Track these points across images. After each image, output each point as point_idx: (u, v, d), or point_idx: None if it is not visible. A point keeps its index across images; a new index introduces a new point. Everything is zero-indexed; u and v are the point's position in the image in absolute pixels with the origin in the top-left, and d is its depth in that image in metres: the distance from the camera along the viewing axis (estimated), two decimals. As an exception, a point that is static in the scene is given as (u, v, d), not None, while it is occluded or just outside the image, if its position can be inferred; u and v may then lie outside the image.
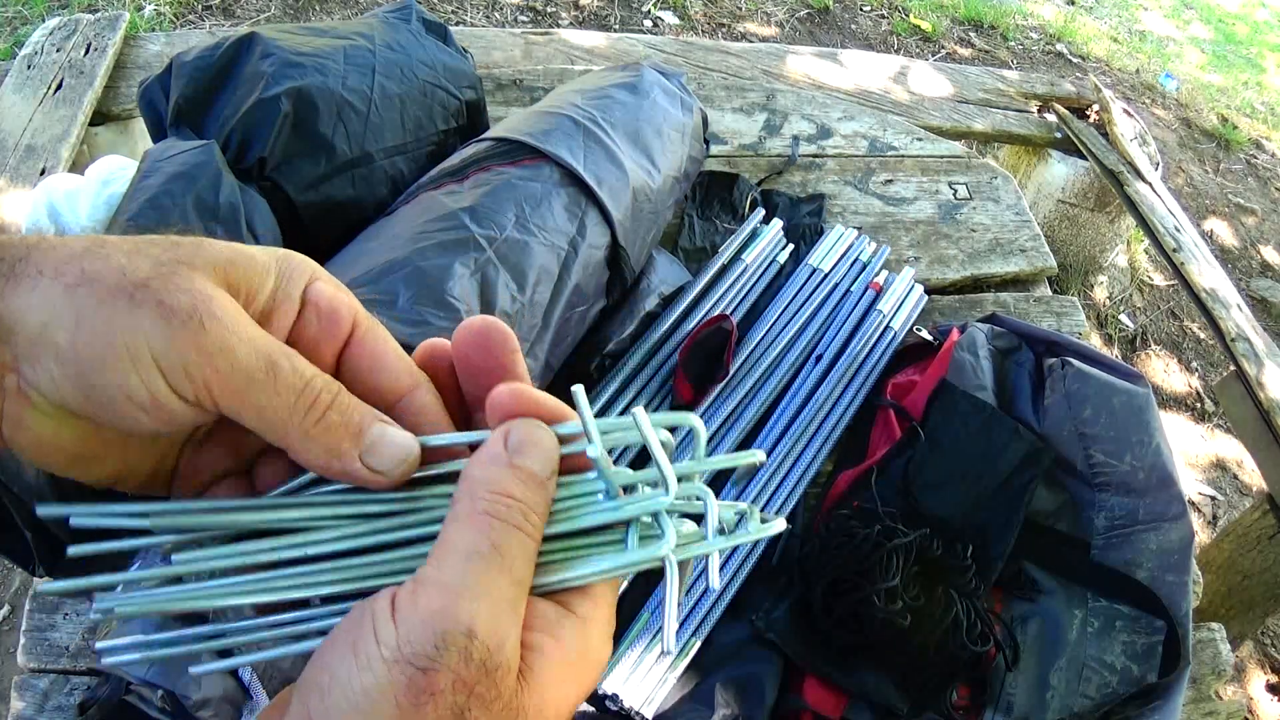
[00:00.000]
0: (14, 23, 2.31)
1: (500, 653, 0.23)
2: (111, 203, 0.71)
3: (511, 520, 0.25)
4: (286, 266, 0.27)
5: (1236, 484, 2.09)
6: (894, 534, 0.74)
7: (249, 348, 0.25)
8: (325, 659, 0.23)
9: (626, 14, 2.83)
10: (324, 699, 0.22)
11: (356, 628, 0.23)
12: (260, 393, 0.25)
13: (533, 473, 0.26)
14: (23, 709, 0.66)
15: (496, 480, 0.25)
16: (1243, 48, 3.83)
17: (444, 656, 0.22)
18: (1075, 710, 0.74)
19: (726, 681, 0.70)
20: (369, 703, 0.22)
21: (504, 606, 0.24)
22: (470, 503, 0.25)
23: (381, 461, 0.27)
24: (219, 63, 0.81)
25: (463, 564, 0.24)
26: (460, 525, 0.25)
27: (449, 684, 0.22)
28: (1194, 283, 1.58)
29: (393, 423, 0.28)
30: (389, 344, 0.29)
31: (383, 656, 0.22)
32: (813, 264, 1.00)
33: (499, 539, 0.24)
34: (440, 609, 0.23)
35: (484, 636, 0.23)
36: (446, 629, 0.22)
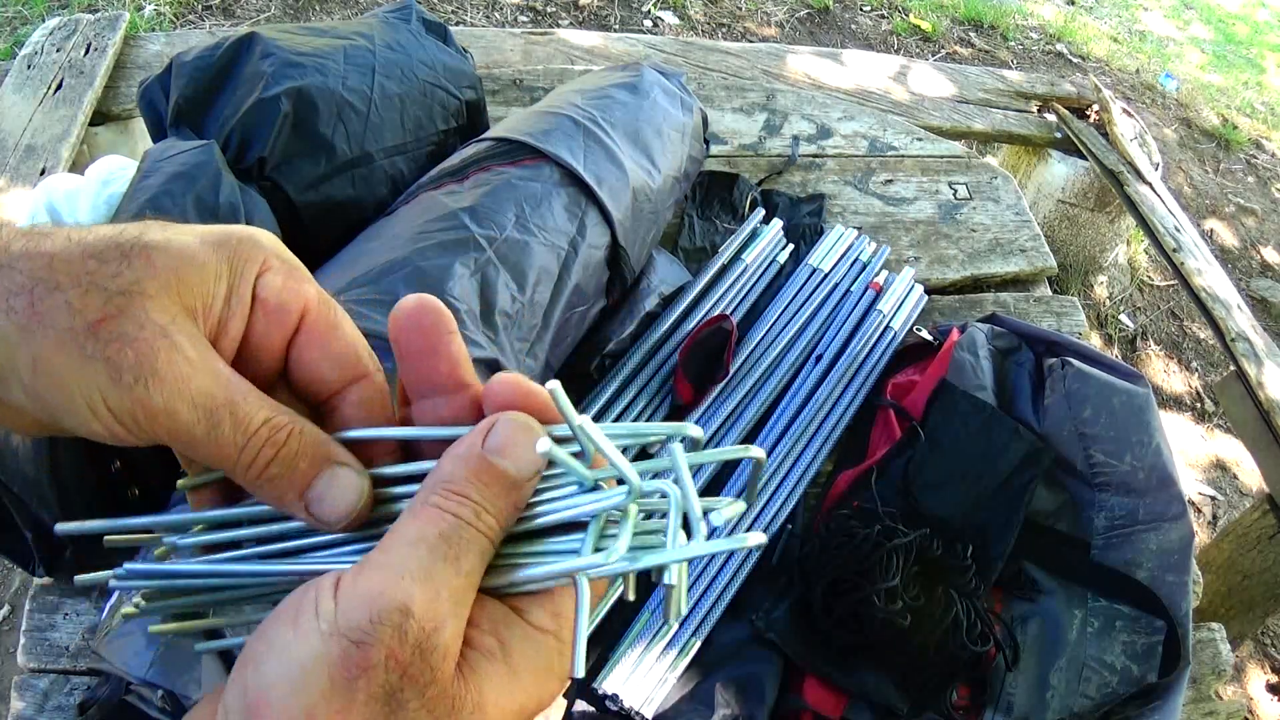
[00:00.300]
0: (14, 23, 2.31)
1: (437, 636, 0.23)
2: (111, 203, 0.71)
3: (463, 516, 0.25)
4: (237, 262, 0.27)
5: (1236, 484, 2.09)
6: (894, 534, 0.74)
7: (191, 410, 0.25)
8: (266, 631, 0.23)
9: (626, 14, 2.83)
10: (259, 668, 0.22)
11: (299, 602, 0.23)
12: (204, 447, 0.26)
13: (504, 473, 0.25)
14: (23, 709, 0.66)
15: (458, 478, 0.25)
16: (1243, 48, 3.83)
17: (378, 631, 0.22)
18: (1075, 710, 0.74)
19: (726, 681, 0.70)
20: (302, 674, 0.22)
21: (445, 592, 0.24)
22: (427, 494, 0.25)
23: (326, 513, 0.27)
24: (219, 63, 0.81)
25: (407, 548, 0.24)
26: (413, 515, 0.25)
27: (381, 659, 0.22)
28: (1194, 283, 1.58)
29: (346, 461, 0.28)
30: (338, 332, 0.29)
31: (320, 629, 0.22)
32: (813, 264, 1.00)
33: (447, 531, 0.24)
34: (379, 587, 0.23)
35: (420, 617, 0.23)
36: (382, 606, 0.22)
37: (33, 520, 0.67)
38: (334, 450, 0.28)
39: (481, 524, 0.25)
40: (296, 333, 0.28)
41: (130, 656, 0.60)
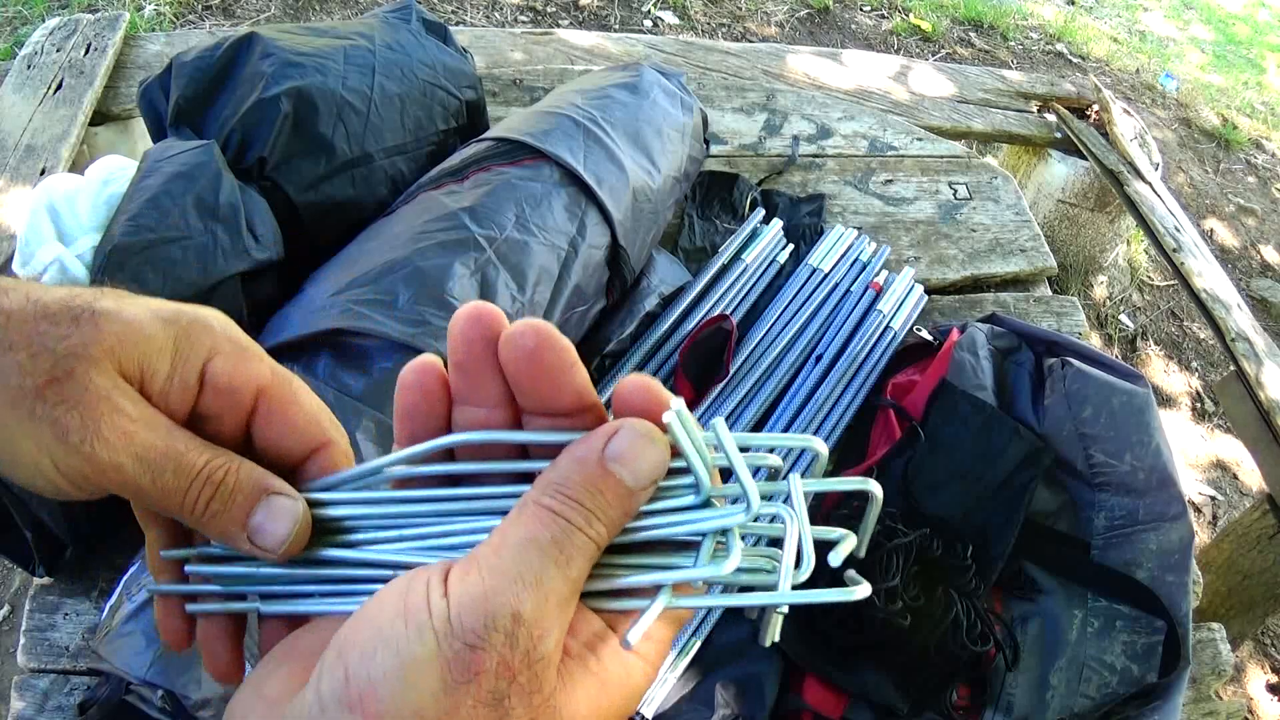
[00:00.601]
0: (14, 23, 2.31)
1: (544, 644, 0.23)
2: (111, 203, 0.71)
3: (575, 522, 0.25)
4: (184, 343, 0.28)
5: (1236, 484, 2.09)
6: (894, 534, 0.74)
7: (135, 464, 0.26)
8: (373, 620, 0.23)
9: (626, 14, 2.83)
10: (368, 660, 0.22)
11: (407, 595, 0.23)
12: (151, 496, 0.27)
13: (621, 483, 0.25)
14: (23, 709, 0.66)
15: (574, 481, 0.25)
16: (1243, 48, 3.83)
17: (491, 638, 0.22)
18: (1075, 710, 0.74)
19: (726, 681, 0.70)
20: (416, 672, 0.22)
21: (553, 600, 0.24)
22: (540, 494, 0.25)
23: (265, 541, 0.28)
24: (219, 63, 0.81)
25: (517, 551, 0.24)
26: (523, 515, 0.25)
27: (493, 666, 0.22)
28: (1194, 283, 1.58)
29: (281, 490, 0.29)
30: (296, 407, 0.29)
31: (434, 628, 0.22)
32: (813, 264, 1.00)
33: (559, 535, 0.24)
34: (491, 589, 0.23)
35: (529, 624, 0.23)
36: (494, 610, 0.22)
37: (33, 520, 0.67)
38: (271, 482, 0.29)
39: (592, 531, 0.25)
40: (254, 411, 0.29)
41: (130, 656, 0.60)
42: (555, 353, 0.26)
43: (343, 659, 0.23)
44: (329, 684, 0.23)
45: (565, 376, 0.27)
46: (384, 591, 0.24)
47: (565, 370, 0.27)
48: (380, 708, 0.22)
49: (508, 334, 0.26)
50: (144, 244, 0.67)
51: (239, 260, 0.72)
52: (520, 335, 0.26)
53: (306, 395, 0.30)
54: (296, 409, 0.29)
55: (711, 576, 0.25)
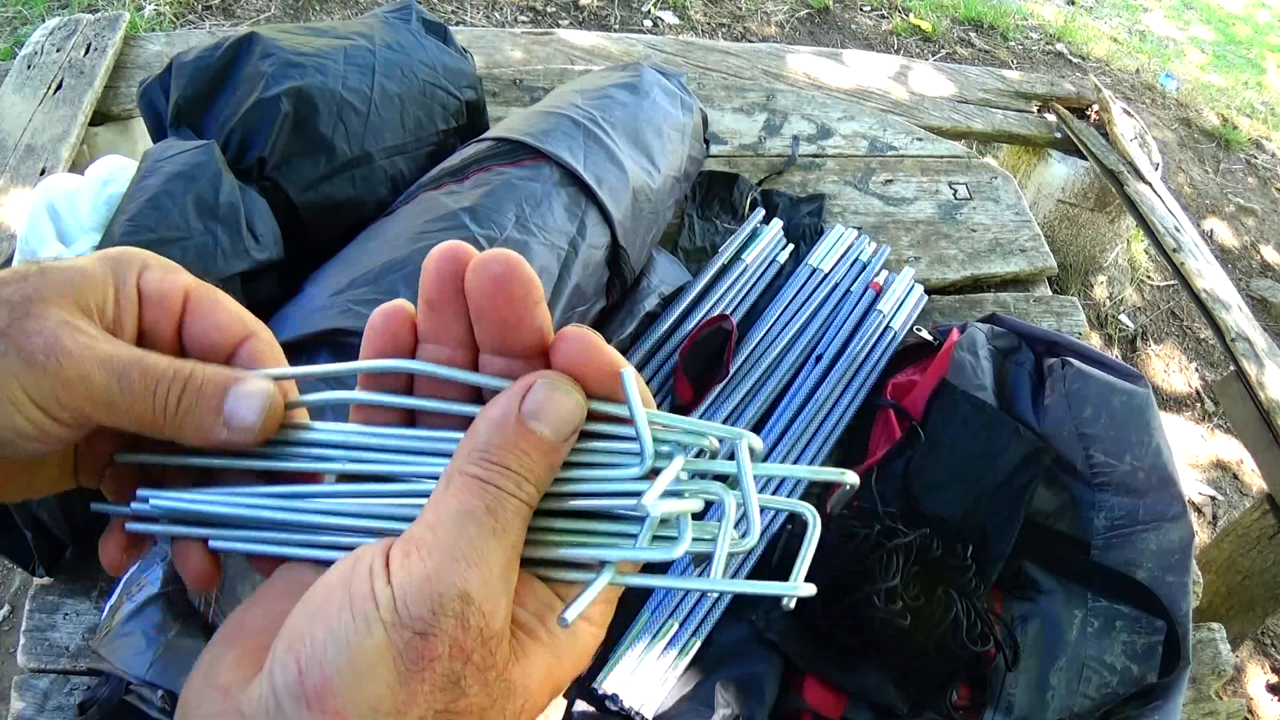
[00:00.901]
0: (14, 23, 2.31)
1: (495, 619, 0.23)
2: (112, 203, 0.71)
3: (505, 488, 0.25)
4: (118, 268, 0.29)
5: (1236, 484, 2.09)
6: (894, 534, 0.74)
7: (101, 370, 0.27)
8: (319, 610, 0.23)
9: (626, 14, 2.83)
10: (319, 654, 0.22)
11: (351, 583, 0.23)
12: (123, 404, 0.28)
13: (541, 438, 0.25)
14: (23, 709, 0.66)
15: (497, 446, 0.25)
16: (1243, 48, 3.83)
17: (441, 621, 0.22)
18: (1075, 710, 0.74)
19: (726, 681, 0.70)
20: (367, 665, 0.22)
21: (496, 572, 0.24)
22: (465, 463, 0.25)
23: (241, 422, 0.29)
24: (219, 63, 0.81)
25: (453, 525, 0.24)
26: (452, 486, 0.25)
27: (446, 650, 0.22)
28: (1194, 283, 1.58)
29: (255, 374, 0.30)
30: (219, 305, 0.31)
31: (381, 618, 0.22)
32: (813, 264, 1.00)
33: (492, 503, 0.24)
34: (434, 571, 0.23)
35: (479, 602, 0.23)
36: (442, 592, 0.22)
37: (33, 520, 0.67)
38: (236, 371, 0.30)
39: (523, 494, 0.25)
40: (184, 314, 0.30)
41: (130, 656, 0.60)
42: (521, 284, 0.27)
43: (293, 651, 0.23)
44: (282, 677, 0.23)
45: (528, 310, 0.27)
46: (328, 578, 0.24)
47: (529, 304, 0.27)
48: (337, 704, 0.22)
49: (477, 259, 0.27)
50: (144, 244, 0.67)
51: (239, 260, 0.72)
52: (490, 261, 0.26)
53: (227, 299, 0.31)
54: (219, 307, 0.31)
55: (659, 559, 0.25)
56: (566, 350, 0.27)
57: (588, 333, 0.27)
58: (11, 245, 0.72)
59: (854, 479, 0.28)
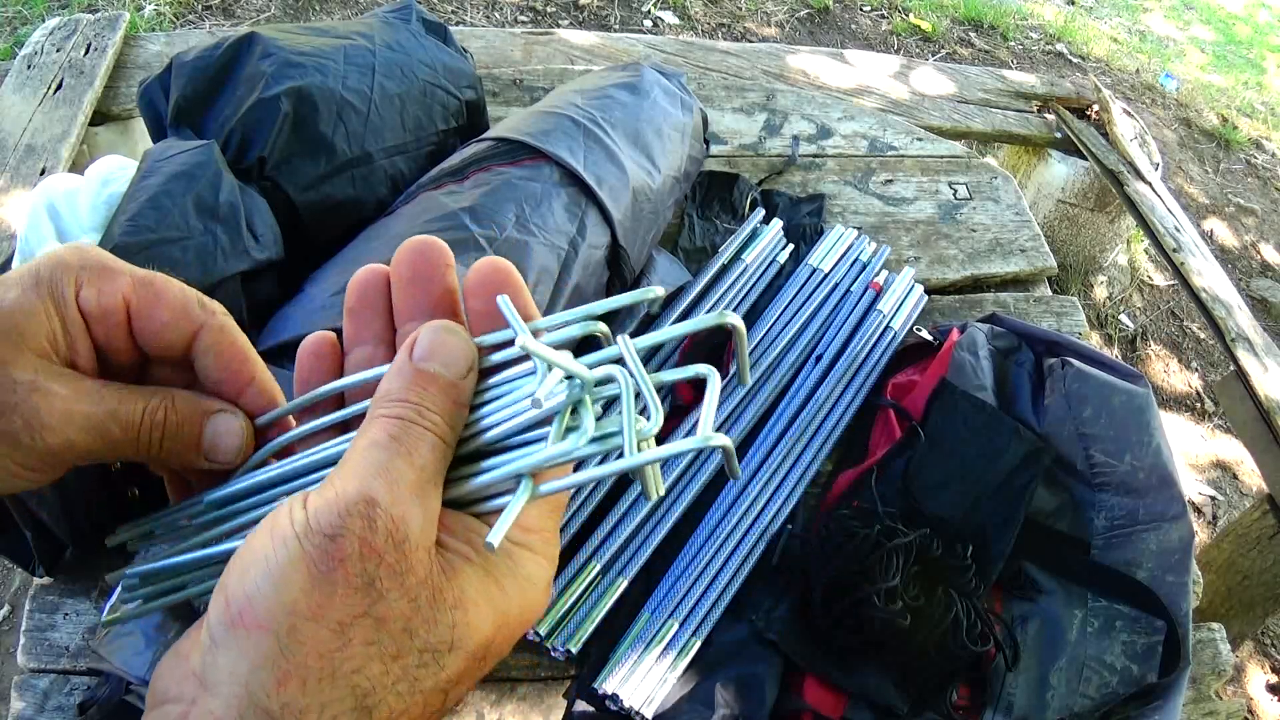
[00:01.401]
0: (14, 23, 2.31)
1: (406, 525, 0.24)
2: (111, 203, 0.71)
3: (407, 416, 0.26)
4: (55, 292, 0.29)
5: (1236, 484, 2.09)
6: (894, 534, 0.74)
7: (82, 434, 0.29)
8: (246, 550, 0.25)
9: (626, 14, 2.83)
10: (242, 580, 0.24)
11: (273, 519, 0.25)
12: (107, 453, 0.30)
13: (435, 375, 0.27)
14: (23, 709, 0.66)
15: (395, 388, 0.27)
16: (1244, 48, 3.83)
17: (349, 523, 0.23)
18: (1075, 710, 0.74)
19: (726, 681, 0.70)
20: (283, 574, 0.23)
21: (404, 485, 0.25)
22: (371, 413, 0.27)
23: (221, 456, 0.31)
24: (219, 63, 0.81)
25: (361, 454, 0.25)
26: (362, 431, 0.27)
27: (355, 549, 0.23)
28: (1194, 283, 1.58)
29: (222, 408, 0.31)
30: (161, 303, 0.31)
31: (295, 533, 0.24)
32: (813, 264, 1.00)
33: (396, 431, 0.26)
34: (342, 488, 0.24)
35: (386, 506, 0.24)
36: (349, 499, 0.24)
37: (33, 520, 0.67)
38: (207, 404, 0.31)
39: (426, 421, 0.26)
40: (130, 321, 0.31)
41: (130, 656, 0.61)
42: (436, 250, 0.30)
43: (224, 589, 0.24)
44: (214, 613, 0.24)
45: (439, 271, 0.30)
46: (258, 526, 0.25)
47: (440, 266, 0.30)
48: (256, 616, 0.23)
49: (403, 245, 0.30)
50: (144, 244, 0.67)
51: (239, 260, 0.72)
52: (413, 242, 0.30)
53: (170, 288, 0.31)
54: (161, 305, 0.31)
55: (564, 455, 0.25)
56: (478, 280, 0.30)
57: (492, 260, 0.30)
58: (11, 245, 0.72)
59: (736, 320, 0.28)
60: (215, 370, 0.32)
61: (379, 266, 0.31)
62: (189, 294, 0.32)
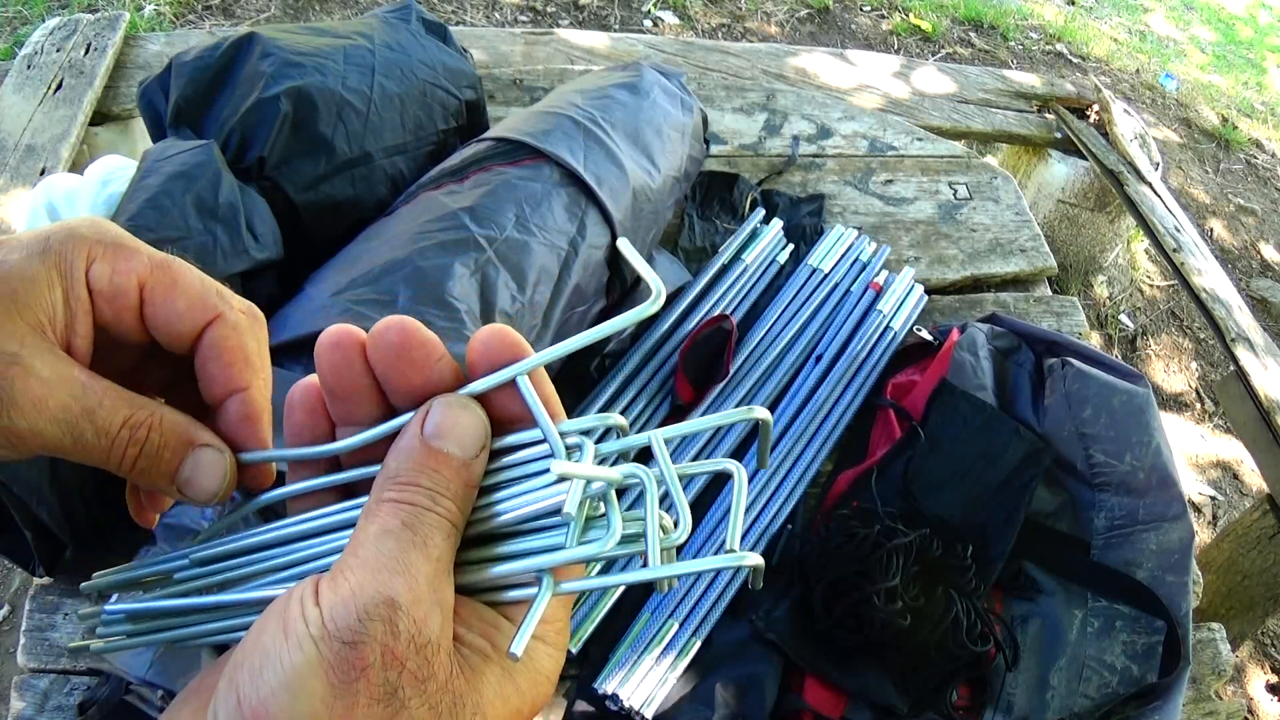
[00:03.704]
0: (14, 23, 2.31)
1: (427, 627, 0.23)
2: (111, 203, 0.71)
3: (420, 503, 0.25)
4: (64, 264, 0.27)
5: (1236, 484, 2.09)
6: (894, 534, 0.74)
7: (54, 426, 0.26)
8: (257, 640, 0.23)
9: (626, 14, 2.83)
10: (255, 679, 0.22)
11: (283, 610, 0.23)
12: (77, 454, 0.27)
13: (448, 455, 0.26)
14: (23, 709, 0.66)
15: (406, 470, 0.25)
16: (1244, 49, 3.83)
17: (369, 628, 0.22)
18: (1075, 710, 0.74)
19: (726, 681, 0.70)
20: (299, 680, 0.22)
21: (422, 580, 0.23)
22: (377, 494, 0.25)
23: (195, 494, 0.29)
24: (218, 63, 0.81)
25: (374, 543, 0.24)
26: (370, 514, 0.25)
27: (377, 657, 0.22)
28: (1194, 283, 1.58)
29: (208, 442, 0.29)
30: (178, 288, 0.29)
31: (311, 635, 0.22)
32: (813, 264, 1.00)
33: (408, 519, 0.24)
34: (358, 584, 0.23)
35: (407, 608, 0.23)
36: (367, 600, 0.22)
37: (33, 520, 0.67)
38: (195, 433, 0.29)
39: (440, 508, 0.25)
40: (143, 305, 0.29)
41: (130, 656, 0.60)
42: (419, 347, 0.27)
43: (233, 684, 0.23)
44: (223, 709, 0.22)
45: (431, 369, 0.27)
46: (265, 613, 0.24)
47: (430, 363, 0.27)
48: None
49: (373, 331, 0.27)
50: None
51: (239, 260, 0.72)
52: (385, 331, 0.27)
53: (189, 275, 0.29)
54: (179, 291, 0.29)
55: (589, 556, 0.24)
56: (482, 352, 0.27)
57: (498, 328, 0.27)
58: (11, 245, 0.72)
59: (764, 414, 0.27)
60: (213, 367, 0.29)
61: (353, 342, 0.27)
62: (207, 282, 0.29)
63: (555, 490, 0.25)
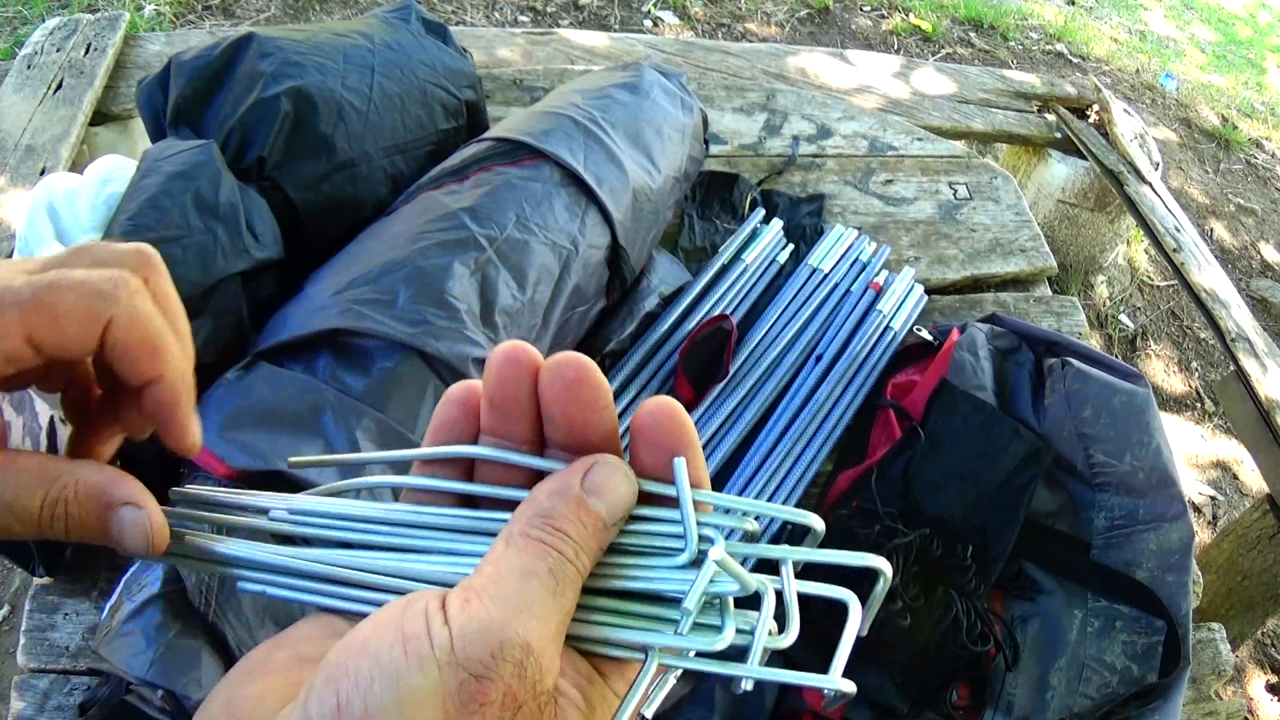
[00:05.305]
0: (14, 23, 2.31)
1: (547, 676, 0.23)
2: (111, 202, 0.71)
3: (566, 554, 0.25)
4: None
5: (1236, 484, 2.09)
6: (894, 534, 0.74)
7: None
8: (367, 647, 0.22)
9: (626, 14, 2.83)
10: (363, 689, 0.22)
11: (403, 622, 0.23)
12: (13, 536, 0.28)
13: (599, 517, 0.26)
14: (23, 709, 0.66)
15: (560, 514, 0.25)
16: (1244, 49, 3.83)
17: (500, 667, 0.22)
18: (1075, 710, 0.74)
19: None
20: (414, 702, 0.21)
21: (554, 631, 0.24)
22: (527, 526, 0.25)
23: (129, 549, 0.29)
24: (218, 62, 0.81)
25: (518, 581, 0.24)
26: (514, 546, 0.25)
27: (499, 696, 0.22)
28: (1194, 283, 1.58)
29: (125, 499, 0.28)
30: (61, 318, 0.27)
31: (436, 658, 0.22)
32: (813, 264, 1.00)
33: (555, 567, 0.24)
34: (498, 619, 0.22)
35: (537, 655, 0.22)
36: (505, 639, 0.22)
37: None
38: (112, 492, 0.29)
39: (580, 564, 0.25)
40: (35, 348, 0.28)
41: (130, 656, 0.60)
42: (592, 389, 0.27)
43: (333, 685, 0.22)
44: (318, 709, 0.22)
45: (597, 414, 0.27)
46: (378, 616, 0.23)
47: (599, 408, 0.27)
48: None
49: (552, 362, 0.27)
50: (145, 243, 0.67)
51: (239, 259, 0.72)
52: (564, 365, 0.27)
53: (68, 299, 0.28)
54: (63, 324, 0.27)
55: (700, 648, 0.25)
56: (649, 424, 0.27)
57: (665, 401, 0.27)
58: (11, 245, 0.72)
59: (886, 568, 0.27)
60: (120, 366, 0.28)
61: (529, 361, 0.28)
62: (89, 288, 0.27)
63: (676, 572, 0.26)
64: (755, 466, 0.84)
